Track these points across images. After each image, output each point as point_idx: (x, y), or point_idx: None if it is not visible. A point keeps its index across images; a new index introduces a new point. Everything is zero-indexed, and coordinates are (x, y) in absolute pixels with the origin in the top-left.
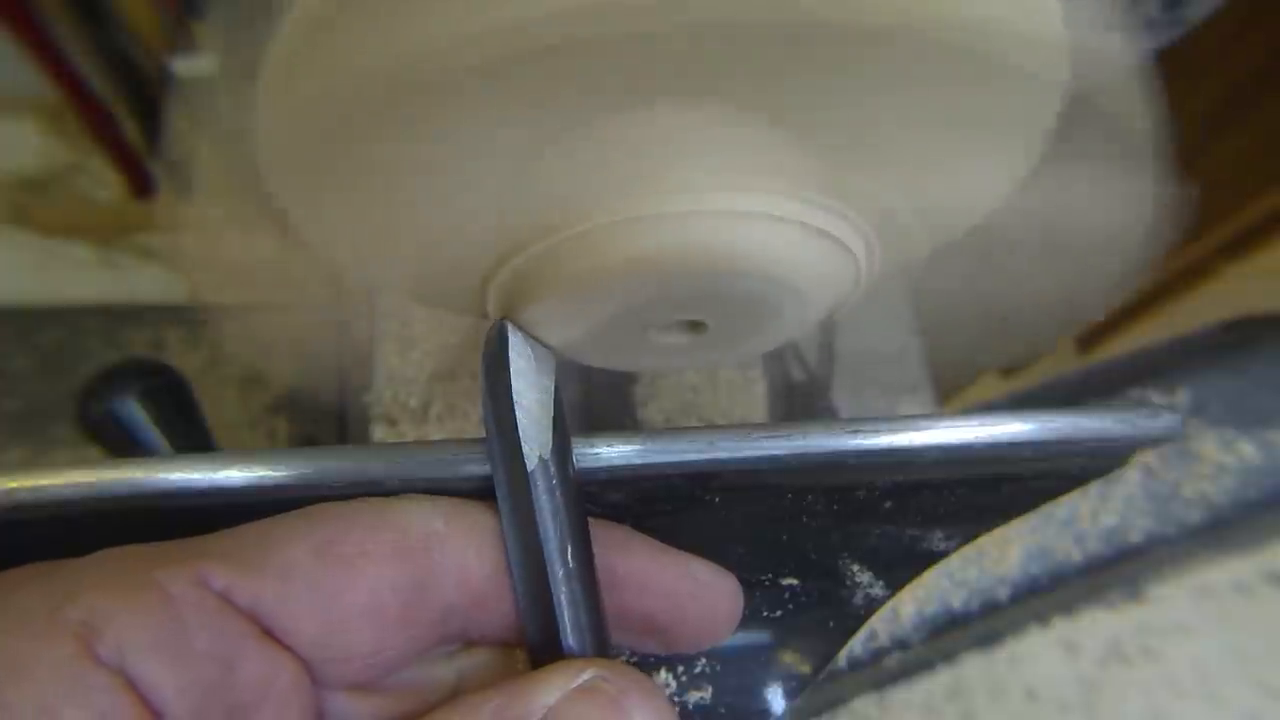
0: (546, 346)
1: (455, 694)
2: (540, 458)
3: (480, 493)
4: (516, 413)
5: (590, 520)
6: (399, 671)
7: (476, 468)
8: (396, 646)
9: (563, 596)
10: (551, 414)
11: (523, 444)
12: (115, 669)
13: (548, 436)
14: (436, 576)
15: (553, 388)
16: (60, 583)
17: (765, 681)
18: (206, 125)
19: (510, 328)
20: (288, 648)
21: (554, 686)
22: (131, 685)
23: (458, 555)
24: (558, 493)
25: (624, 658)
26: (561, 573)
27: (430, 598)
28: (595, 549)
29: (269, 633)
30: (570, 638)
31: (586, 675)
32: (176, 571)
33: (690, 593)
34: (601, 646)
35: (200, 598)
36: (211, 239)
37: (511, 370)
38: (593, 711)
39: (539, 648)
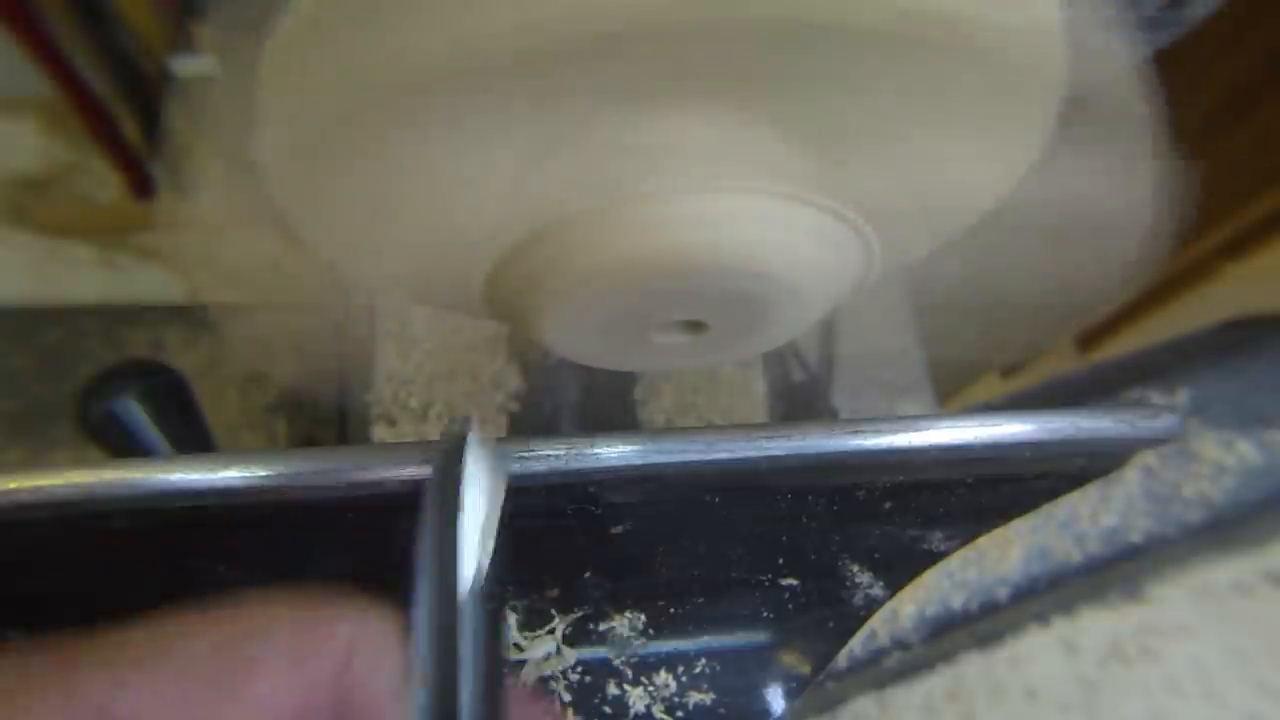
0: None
1: None
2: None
3: None
4: (459, 563)
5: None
6: None
7: None
8: None
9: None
10: (491, 560)
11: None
12: None
13: (477, 596)
14: (338, 689)
15: (498, 521)
16: None
17: (765, 682)
18: (206, 125)
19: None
20: None
21: None
22: None
23: (365, 667)
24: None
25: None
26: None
27: (328, 708)
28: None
29: None
30: None
31: None
32: (49, 694)
33: None
34: None
35: None
36: (211, 239)
37: (463, 500)
38: None
39: None
